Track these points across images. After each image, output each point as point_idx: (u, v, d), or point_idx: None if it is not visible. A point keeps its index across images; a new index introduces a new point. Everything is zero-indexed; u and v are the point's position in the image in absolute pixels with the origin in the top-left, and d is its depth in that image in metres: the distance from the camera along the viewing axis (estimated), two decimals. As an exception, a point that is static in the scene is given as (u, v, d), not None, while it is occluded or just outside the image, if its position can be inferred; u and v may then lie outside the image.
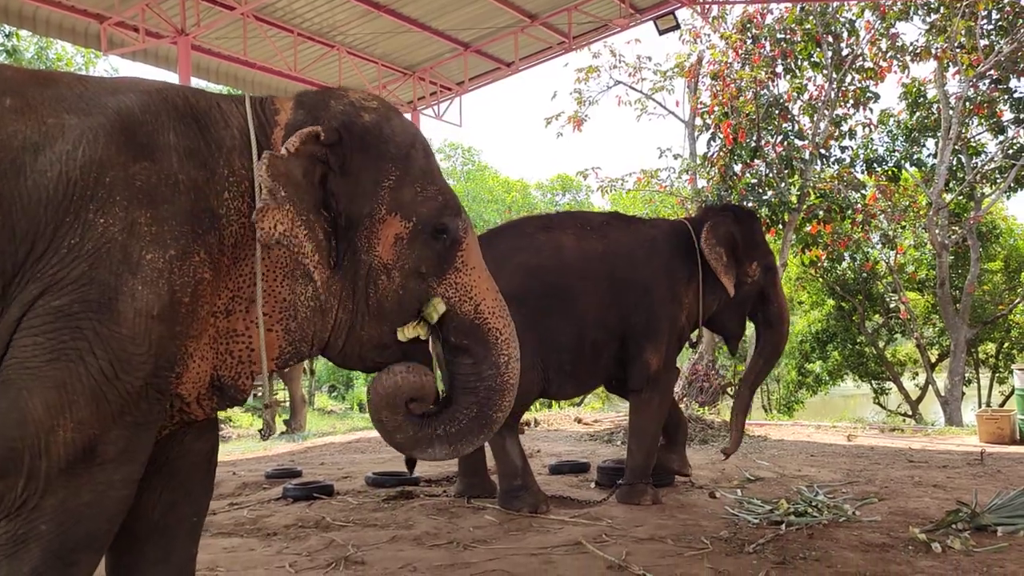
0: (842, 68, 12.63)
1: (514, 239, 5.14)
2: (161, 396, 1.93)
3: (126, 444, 1.88)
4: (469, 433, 2.36)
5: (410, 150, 2.32)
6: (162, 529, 2.19)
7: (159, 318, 1.86)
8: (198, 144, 2.04)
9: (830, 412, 16.51)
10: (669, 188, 13.93)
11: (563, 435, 9.74)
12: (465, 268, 2.38)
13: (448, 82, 12.49)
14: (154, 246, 1.86)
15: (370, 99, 2.35)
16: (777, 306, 5.52)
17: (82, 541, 1.84)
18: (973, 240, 14.25)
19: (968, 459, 6.91)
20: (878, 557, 3.70)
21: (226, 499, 5.63)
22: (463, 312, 2.35)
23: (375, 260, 2.23)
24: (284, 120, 2.21)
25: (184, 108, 2.07)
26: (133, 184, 1.89)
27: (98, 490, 1.85)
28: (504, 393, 2.37)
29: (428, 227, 2.29)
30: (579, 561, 3.74)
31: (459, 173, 29.95)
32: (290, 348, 2.16)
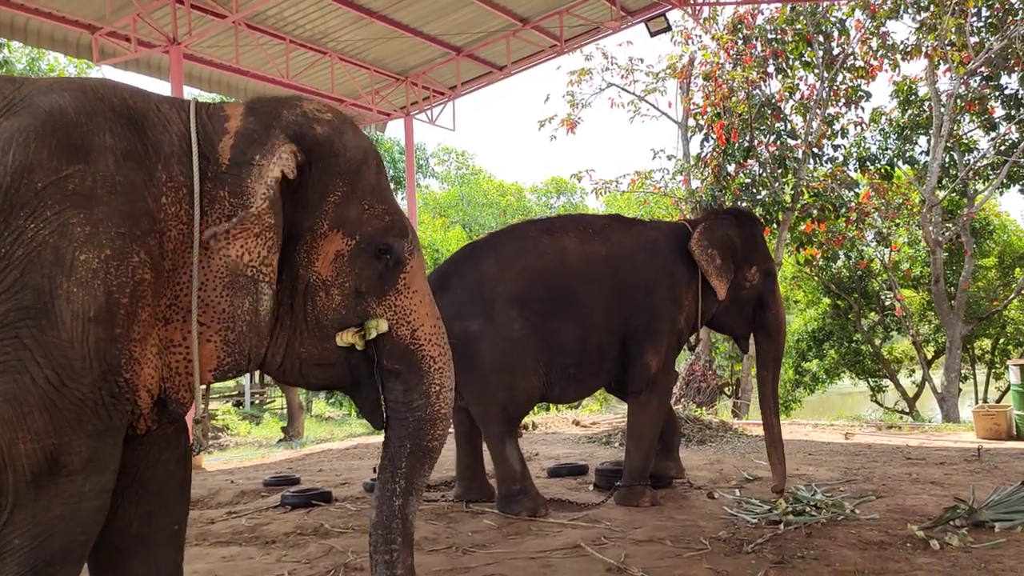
0: (833, 67, 12.67)
1: (517, 243, 5.13)
2: (117, 402, 1.89)
3: (91, 453, 1.85)
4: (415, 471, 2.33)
5: (361, 166, 2.27)
6: (143, 541, 2.17)
7: (96, 320, 1.82)
8: (135, 146, 1.99)
9: (827, 410, 16.53)
10: (663, 189, 13.97)
11: (561, 438, 9.74)
12: (407, 291, 2.33)
13: (441, 87, 12.50)
14: (88, 247, 1.82)
15: (324, 111, 2.30)
16: (775, 313, 5.45)
17: (57, 554, 1.82)
18: (967, 237, 14.31)
19: (965, 455, 6.92)
20: (876, 555, 3.71)
21: (224, 507, 5.62)
22: (399, 336, 2.30)
23: (314, 276, 2.19)
24: (234, 127, 2.15)
25: (121, 109, 2.02)
26: (66, 187, 1.84)
27: (70, 502, 1.82)
28: (435, 423, 2.33)
29: (371, 246, 2.25)
30: (578, 564, 3.74)
31: (453, 177, 29.94)
32: (229, 360, 2.10)
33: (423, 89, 12.39)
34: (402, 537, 2.33)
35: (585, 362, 5.01)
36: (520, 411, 5.05)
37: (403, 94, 12.39)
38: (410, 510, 2.34)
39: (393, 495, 2.33)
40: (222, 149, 2.11)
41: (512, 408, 4.91)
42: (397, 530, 2.32)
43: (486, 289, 4.89)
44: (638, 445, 5.16)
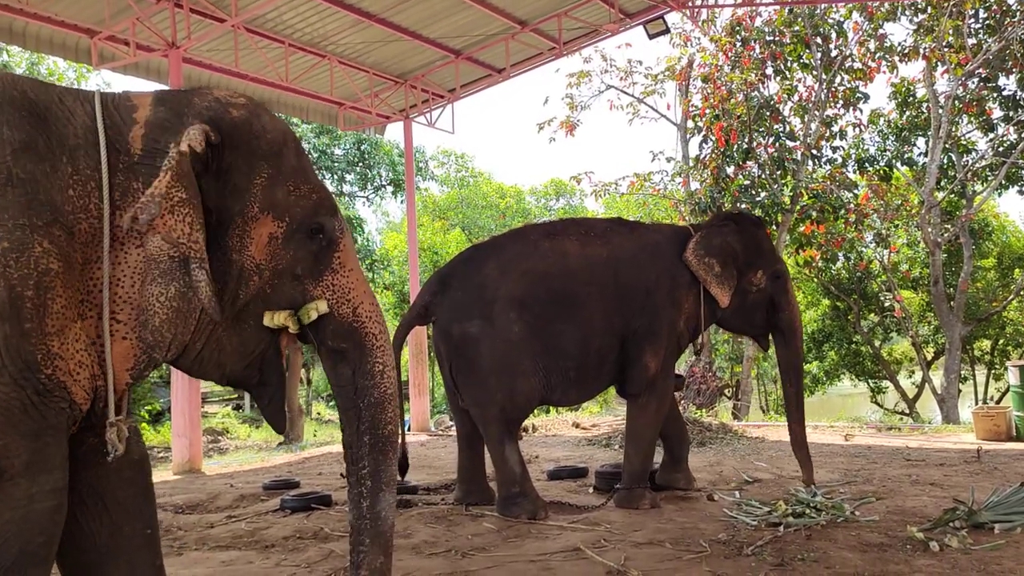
0: (831, 69, 12.69)
1: (519, 246, 5.16)
2: (47, 399, 1.83)
3: (31, 455, 1.80)
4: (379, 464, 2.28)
5: (282, 148, 2.24)
6: (116, 552, 2.13)
7: (1, 316, 1.76)
8: (36, 138, 1.92)
9: (827, 412, 16.52)
10: (662, 191, 13.98)
11: (561, 440, 9.74)
12: (343, 270, 2.31)
13: (440, 89, 12.51)
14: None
15: (236, 96, 2.27)
16: (788, 314, 5.39)
17: (18, 560, 1.79)
18: (966, 238, 14.31)
19: (965, 457, 6.92)
20: (876, 557, 3.71)
21: (224, 511, 5.62)
22: (341, 315, 2.28)
23: (247, 260, 2.15)
24: (143, 117, 2.10)
25: (22, 101, 1.95)
26: None
27: (19, 506, 1.79)
28: (385, 405, 2.29)
29: (303, 226, 2.23)
30: (578, 567, 3.74)
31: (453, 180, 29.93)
32: (145, 358, 2.06)
33: (422, 92, 12.39)
34: (370, 538, 2.27)
35: (585, 365, 5.02)
36: (520, 413, 5.04)
37: (402, 97, 12.39)
38: (380, 507, 2.27)
39: (360, 497, 2.29)
40: (133, 139, 2.07)
41: (511, 410, 4.91)
42: (366, 531, 2.27)
43: (487, 291, 4.90)
44: (637, 448, 5.16)
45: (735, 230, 5.28)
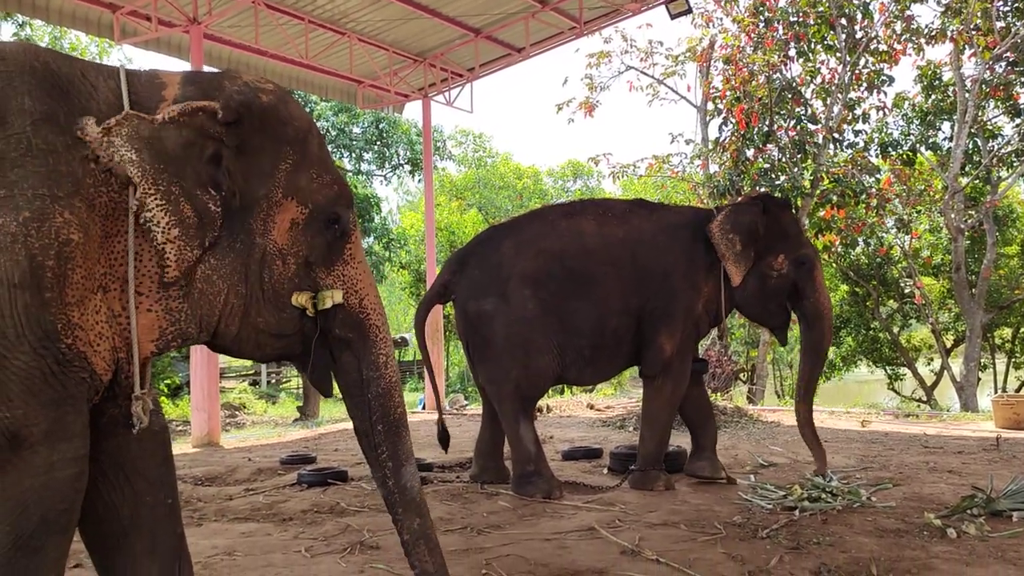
0: (856, 51, 12.50)
1: (538, 225, 5.20)
2: (67, 369, 1.84)
3: (50, 424, 1.82)
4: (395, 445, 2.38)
5: (307, 135, 2.28)
6: (139, 521, 2.15)
7: (21, 285, 1.76)
8: (57, 110, 1.92)
9: (844, 398, 16.45)
10: (681, 174, 13.87)
11: (576, 421, 9.76)
12: (352, 261, 2.36)
13: (459, 68, 12.46)
14: (4, 210, 1.76)
15: (265, 82, 2.29)
16: (813, 302, 5.18)
17: (39, 526, 1.81)
18: (989, 224, 14.13)
19: (984, 444, 6.88)
20: (892, 542, 3.70)
21: (242, 484, 5.69)
22: (349, 305, 2.34)
23: (271, 244, 2.18)
24: (171, 95, 2.12)
25: (43, 73, 1.95)
26: None
27: (39, 473, 1.80)
28: (392, 392, 2.38)
29: (322, 215, 2.26)
30: (593, 546, 3.75)
31: (470, 160, 29.89)
32: (173, 330, 2.07)
33: (441, 71, 12.35)
34: (403, 507, 2.38)
35: (601, 344, 5.02)
36: (534, 390, 5.06)
37: (421, 76, 12.36)
38: (405, 480, 2.38)
39: (385, 477, 2.40)
40: None
41: (526, 387, 4.93)
42: (397, 503, 2.39)
43: (503, 269, 4.95)
44: (652, 430, 5.16)
45: (760, 210, 5.14)
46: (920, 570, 3.28)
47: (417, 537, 2.39)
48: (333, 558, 3.62)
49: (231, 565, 3.54)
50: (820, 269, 5.29)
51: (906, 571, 3.27)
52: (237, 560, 3.62)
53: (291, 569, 3.45)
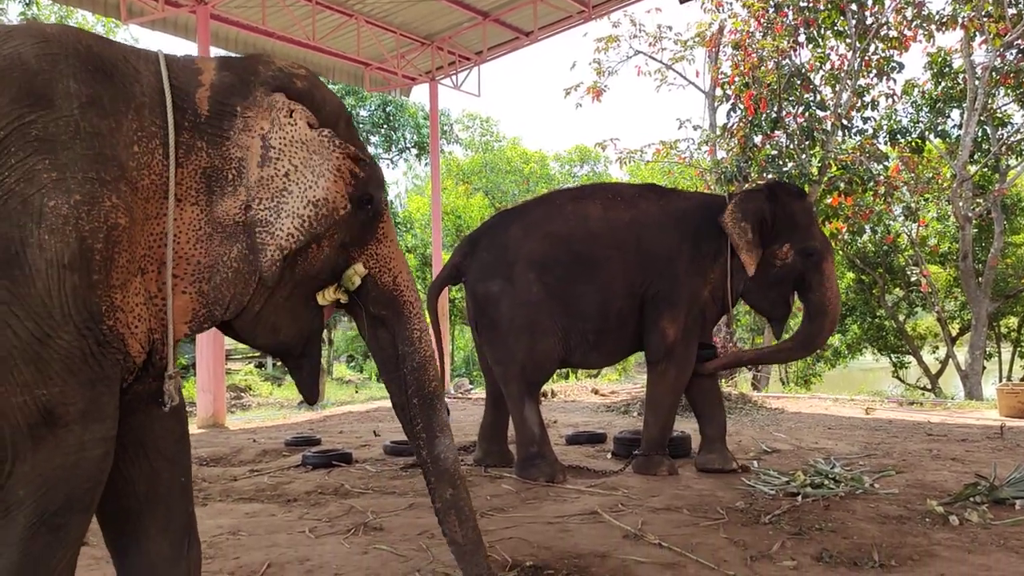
0: (866, 37, 12.40)
1: (544, 209, 5.24)
2: (106, 350, 1.87)
3: (86, 403, 1.84)
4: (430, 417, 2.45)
5: (338, 119, 2.32)
6: (154, 497, 2.18)
7: (71, 267, 1.78)
8: (102, 94, 1.94)
9: (848, 385, 16.44)
10: (688, 160, 13.82)
11: (580, 406, 9.78)
12: (385, 240, 2.42)
13: (467, 52, 12.40)
14: (56, 193, 1.78)
15: (297, 67, 2.31)
16: (818, 296, 5.06)
17: (64, 505, 1.83)
18: (997, 213, 14.06)
19: (988, 433, 6.88)
20: (895, 529, 3.71)
21: (247, 465, 5.72)
22: (383, 283, 2.40)
23: None
24: (208, 80, 2.15)
25: (87, 56, 1.96)
26: (29, 133, 1.80)
27: (70, 452, 1.82)
28: (426, 367, 2.45)
29: (356, 197, 2.30)
30: (595, 530, 3.77)
31: (477, 144, 29.79)
32: (204, 312, 2.11)
33: (449, 54, 12.30)
34: (435, 476, 2.45)
35: (605, 328, 5.03)
36: (539, 372, 5.07)
37: (429, 59, 12.30)
38: (438, 450, 2.44)
39: (420, 447, 2.47)
40: (199, 100, 2.10)
41: (531, 369, 4.95)
42: (431, 472, 2.46)
43: (509, 252, 5.00)
44: (656, 415, 5.17)
45: (769, 197, 5.08)
46: (922, 556, 3.29)
47: (448, 507, 2.45)
48: (337, 539, 3.65)
49: (235, 544, 3.57)
50: (830, 263, 5.13)
51: (908, 557, 3.28)
52: (241, 540, 3.65)
53: (295, 549, 3.47)
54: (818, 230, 5.18)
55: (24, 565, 1.79)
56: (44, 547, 1.81)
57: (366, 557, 3.37)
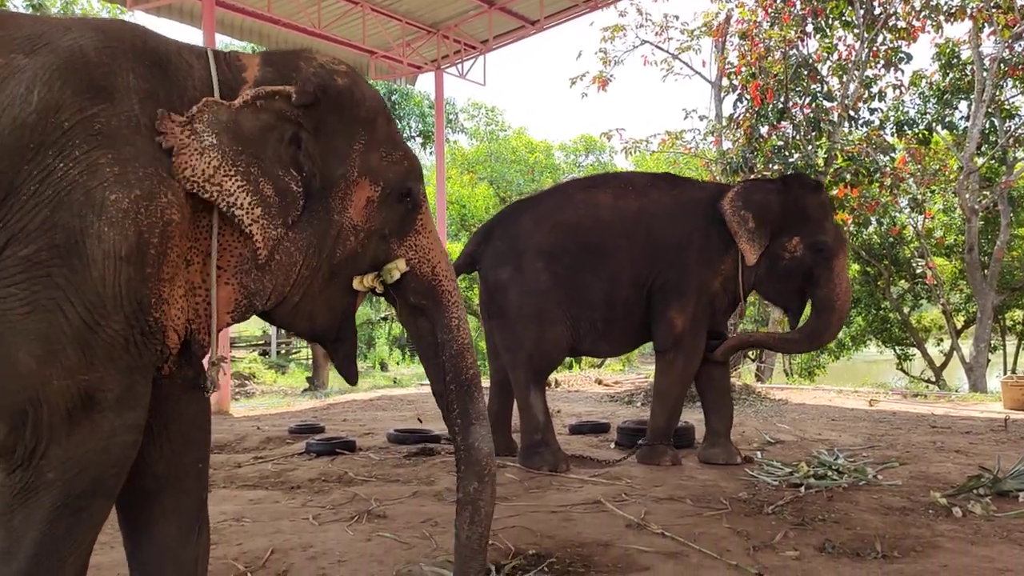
0: (874, 27, 12.32)
1: (556, 198, 5.29)
2: (148, 340, 1.91)
3: (123, 390, 1.88)
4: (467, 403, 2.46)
5: (377, 115, 2.35)
6: (171, 480, 2.21)
7: (127, 259, 1.83)
8: (158, 88, 1.99)
9: (852, 377, 16.43)
10: (694, 150, 13.77)
11: (584, 396, 9.80)
12: (424, 231, 2.46)
13: (472, 40, 12.36)
14: (118, 187, 1.82)
15: (338, 63, 2.35)
16: (826, 292, 4.98)
17: (89, 488, 1.86)
18: (1004, 205, 14.00)
19: (992, 425, 6.87)
20: (898, 520, 3.71)
21: (251, 452, 5.74)
22: (422, 273, 2.44)
23: (347, 221, 2.27)
24: (252, 76, 2.19)
25: (144, 50, 2.01)
26: (92, 126, 1.84)
27: (103, 437, 1.86)
28: (464, 354, 2.47)
29: (396, 190, 2.35)
30: (598, 519, 3.78)
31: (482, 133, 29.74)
32: (246, 302, 2.15)
33: (454, 43, 12.26)
34: (465, 465, 2.44)
35: (613, 317, 5.04)
36: (547, 360, 5.08)
37: (434, 47, 12.27)
38: (472, 439, 2.44)
39: (455, 433, 2.48)
40: (243, 95, 2.14)
41: (539, 357, 4.97)
42: (462, 460, 2.45)
43: (519, 241, 5.04)
44: (662, 405, 5.17)
45: (779, 189, 5.05)
46: (924, 548, 3.29)
47: (466, 502, 2.43)
48: (340, 526, 3.66)
49: (239, 531, 3.58)
50: (841, 259, 5.04)
51: (910, 549, 3.28)
52: (245, 526, 3.67)
53: (299, 536, 3.49)
54: (832, 225, 5.09)
55: (45, 546, 1.82)
56: (66, 530, 1.84)
57: (369, 544, 3.38)
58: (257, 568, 3.09)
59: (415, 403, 9.28)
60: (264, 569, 3.09)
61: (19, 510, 1.81)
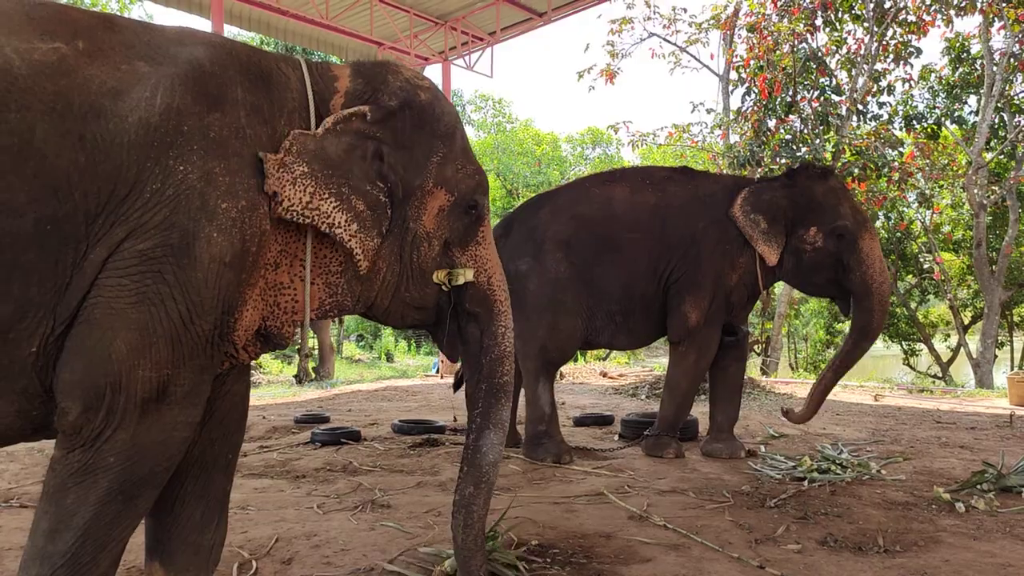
0: (884, 21, 12.28)
1: (574, 192, 5.32)
2: (223, 341, 2.02)
3: (192, 387, 1.97)
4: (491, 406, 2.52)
5: (455, 130, 2.46)
6: (201, 465, 2.29)
7: (230, 265, 1.94)
8: (262, 101, 2.10)
9: (858, 372, 16.32)
10: (701, 143, 13.75)
11: (588, 388, 9.81)
12: (484, 242, 2.56)
13: (480, 32, 12.35)
14: (229, 196, 1.94)
15: (422, 78, 2.47)
16: (859, 276, 4.88)
17: (144, 477, 1.93)
18: (1012, 200, 13.94)
19: (997, 421, 6.86)
20: (900, 515, 3.71)
21: (256, 442, 5.76)
22: (479, 282, 2.53)
23: (421, 228, 2.37)
24: (344, 87, 2.30)
25: (249, 64, 2.13)
26: (208, 134, 1.95)
27: (165, 429, 1.94)
28: (503, 361, 2.55)
29: (464, 202, 2.45)
30: (601, 511, 3.79)
31: (489, 125, 29.72)
32: (331, 301, 2.27)
33: (462, 34, 12.25)
34: (468, 466, 2.48)
35: (631, 310, 5.05)
36: (559, 351, 5.08)
37: (442, 39, 12.26)
38: (483, 443, 2.49)
39: (470, 432, 2.53)
40: (334, 107, 2.26)
41: (552, 348, 4.98)
42: (466, 460, 2.50)
43: (538, 233, 5.08)
44: (672, 396, 5.18)
45: (785, 184, 5.03)
46: (927, 543, 3.29)
47: (461, 504, 2.47)
48: (345, 515, 3.68)
49: (244, 519, 3.60)
50: (868, 240, 4.92)
51: (913, 543, 3.29)
52: (250, 514, 3.69)
53: (303, 525, 3.51)
54: (849, 209, 4.97)
55: (93, 528, 1.87)
56: (114, 515, 1.90)
57: (373, 533, 3.40)
58: (262, 556, 3.11)
59: (419, 394, 9.31)
60: (268, 557, 3.11)
61: (74, 489, 1.86)
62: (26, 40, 1.83)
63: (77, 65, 1.86)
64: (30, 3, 1.93)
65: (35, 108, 1.77)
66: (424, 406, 8.04)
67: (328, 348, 13.00)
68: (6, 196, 1.74)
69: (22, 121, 1.76)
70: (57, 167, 1.78)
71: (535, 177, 24.89)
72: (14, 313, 1.79)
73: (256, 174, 2.02)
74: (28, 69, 1.79)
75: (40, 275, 1.79)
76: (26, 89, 1.77)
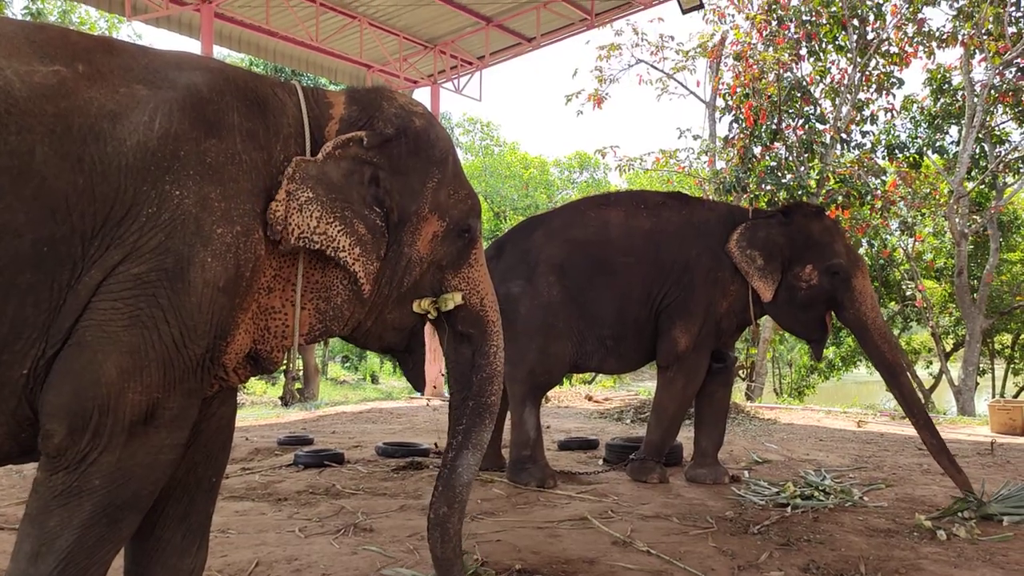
0: (867, 52, 12.47)
1: (568, 216, 5.32)
2: (213, 365, 2.01)
3: (180, 410, 1.96)
4: (474, 425, 2.52)
5: (448, 155, 2.47)
6: (184, 488, 2.26)
7: (224, 290, 1.94)
8: (258, 127, 2.11)
9: (841, 398, 16.47)
10: (687, 169, 13.86)
11: (573, 412, 9.80)
12: (476, 265, 2.58)
13: (469, 56, 12.44)
14: (224, 221, 1.95)
15: (416, 104, 2.48)
16: (853, 312, 4.86)
17: (129, 500, 1.91)
18: (993, 229, 14.11)
19: (978, 449, 6.90)
20: (882, 542, 3.72)
21: (239, 464, 5.72)
22: (472, 304, 2.55)
23: (415, 253, 2.38)
24: (339, 113, 2.31)
25: (246, 90, 2.13)
26: (204, 160, 1.95)
27: (152, 452, 1.93)
28: (493, 380, 2.56)
29: (458, 226, 2.47)
30: (584, 536, 3.78)
31: (477, 148, 29.84)
32: (320, 326, 2.26)
33: (451, 58, 12.34)
34: (443, 486, 2.48)
35: (622, 334, 5.05)
36: (548, 375, 5.08)
37: (431, 62, 12.35)
38: (460, 462, 2.48)
39: (449, 448, 2.53)
40: (328, 133, 2.26)
41: (540, 372, 4.98)
42: (441, 479, 2.49)
43: (531, 255, 5.08)
44: (659, 421, 5.18)
45: (781, 222, 5.04)
46: (908, 570, 3.30)
47: (436, 523, 2.48)
48: (327, 539, 3.66)
49: (224, 542, 3.57)
50: (861, 278, 4.92)
51: (894, 571, 3.30)
52: (231, 537, 3.66)
53: (284, 548, 3.48)
54: (843, 247, 5.02)
55: (76, 551, 1.85)
56: (98, 539, 1.88)
57: (355, 558, 3.37)
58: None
59: (404, 416, 9.27)
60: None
61: (57, 512, 1.85)
62: (26, 62, 1.83)
63: (77, 88, 1.87)
64: (31, 26, 1.95)
65: (35, 130, 1.78)
66: (408, 428, 8.01)
67: (313, 369, 12.95)
68: (6, 217, 1.73)
69: (22, 143, 1.76)
70: (56, 189, 1.78)
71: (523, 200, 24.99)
72: (8, 334, 1.78)
73: (252, 199, 2.02)
74: (28, 91, 1.80)
75: (36, 296, 1.79)
76: (26, 111, 1.78)
